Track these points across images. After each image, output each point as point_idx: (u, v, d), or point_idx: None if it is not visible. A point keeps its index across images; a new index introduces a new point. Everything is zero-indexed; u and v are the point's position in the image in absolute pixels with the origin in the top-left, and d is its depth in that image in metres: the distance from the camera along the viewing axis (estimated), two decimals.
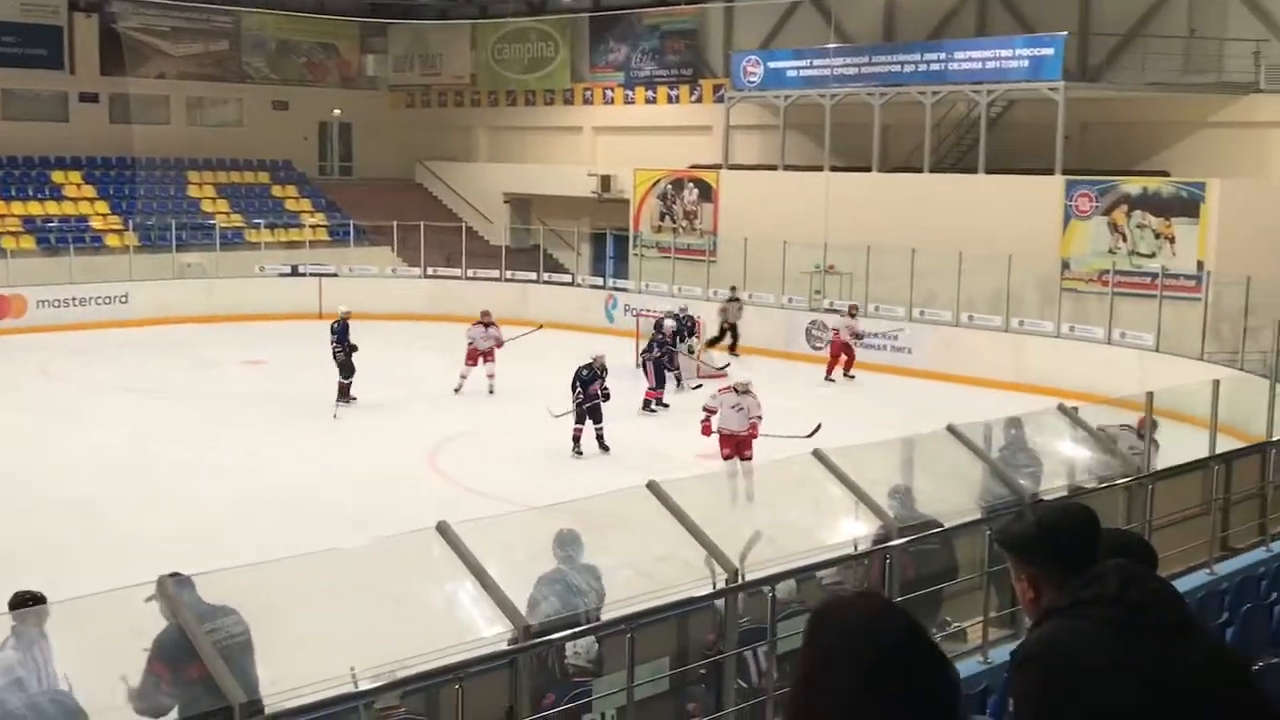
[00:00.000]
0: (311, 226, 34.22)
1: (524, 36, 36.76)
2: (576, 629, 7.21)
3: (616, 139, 34.94)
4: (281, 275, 31.14)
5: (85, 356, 24.46)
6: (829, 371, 23.20)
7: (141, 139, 34.24)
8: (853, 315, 23.56)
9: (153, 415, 19.51)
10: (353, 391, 20.09)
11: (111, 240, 31.21)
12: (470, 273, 31.55)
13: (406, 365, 24.01)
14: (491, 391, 21.18)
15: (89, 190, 32.91)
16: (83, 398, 21.01)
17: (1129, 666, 2.39)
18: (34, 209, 31.46)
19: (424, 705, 6.48)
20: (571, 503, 9.44)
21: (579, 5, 35.50)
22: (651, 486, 7.86)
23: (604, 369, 17.64)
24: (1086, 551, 2.68)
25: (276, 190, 35.93)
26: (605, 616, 7.45)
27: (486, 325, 21.51)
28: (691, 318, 24.79)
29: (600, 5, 35.45)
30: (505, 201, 36.39)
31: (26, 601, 6.80)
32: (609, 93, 35.36)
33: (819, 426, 14.91)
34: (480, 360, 21.37)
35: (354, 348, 20.07)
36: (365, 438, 18.12)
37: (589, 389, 17.27)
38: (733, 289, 26.73)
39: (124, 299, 28.69)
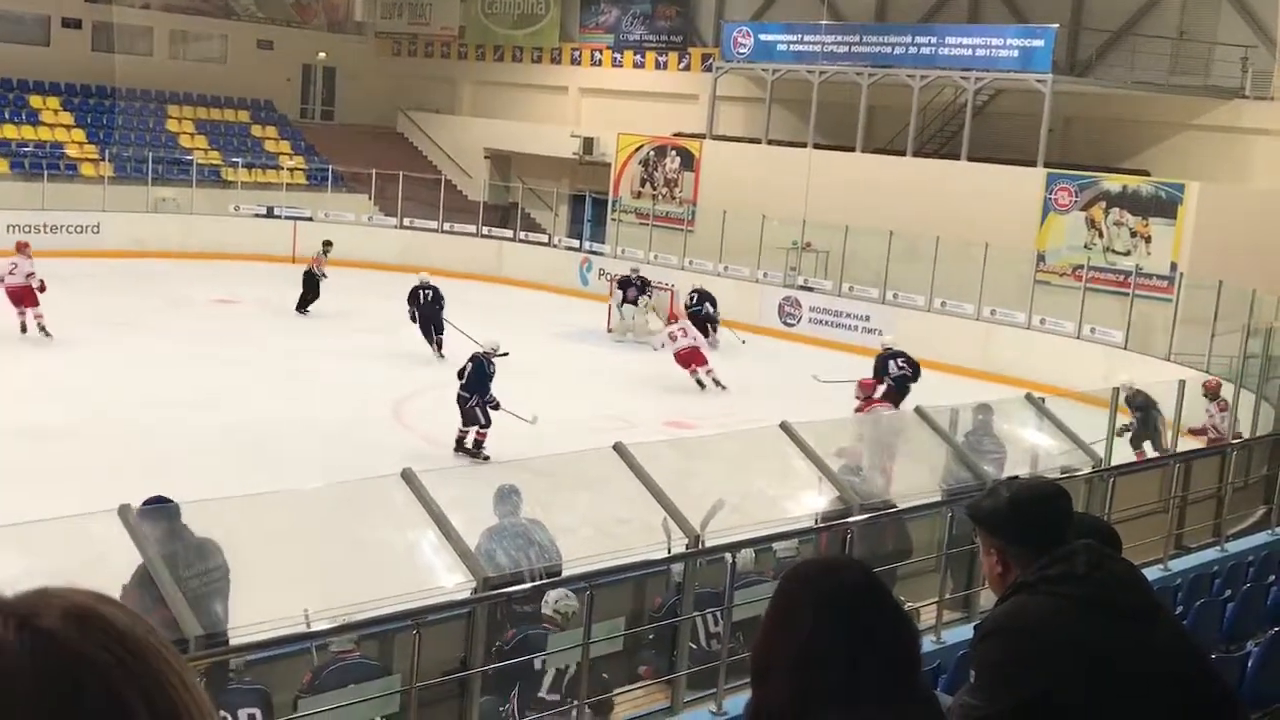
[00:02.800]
0: (289, 169, 33.94)
1: None
2: (535, 584, 7.24)
3: (602, 102, 34.78)
4: (256, 216, 30.92)
5: (53, 285, 24.10)
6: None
7: (123, 69, 33.78)
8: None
9: (119, 349, 19.36)
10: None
11: (86, 169, 30.88)
12: (446, 226, 31.39)
13: (377, 314, 23.88)
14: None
15: (66, 117, 32.50)
16: (51, 329, 20.78)
17: (1092, 644, 2.41)
18: (9, 132, 31.05)
19: (378, 651, 6.49)
20: (537, 460, 9.46)
21: None
22: (618, 448, 7.87)
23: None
24: (1056, 530, 2.70)
25: (256, 130, 35.59)
26: (566, 573, 7.47)
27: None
28: (644, 278, 24.71)
29: None
30: (486, 157, 36.20)
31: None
32: (597, 54, 35.17)
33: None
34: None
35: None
36: (332, 384, 18.05)
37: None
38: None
39: (96, 229, 28.41)
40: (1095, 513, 9.71)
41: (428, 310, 20.77)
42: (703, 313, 23.33)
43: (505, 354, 15.98)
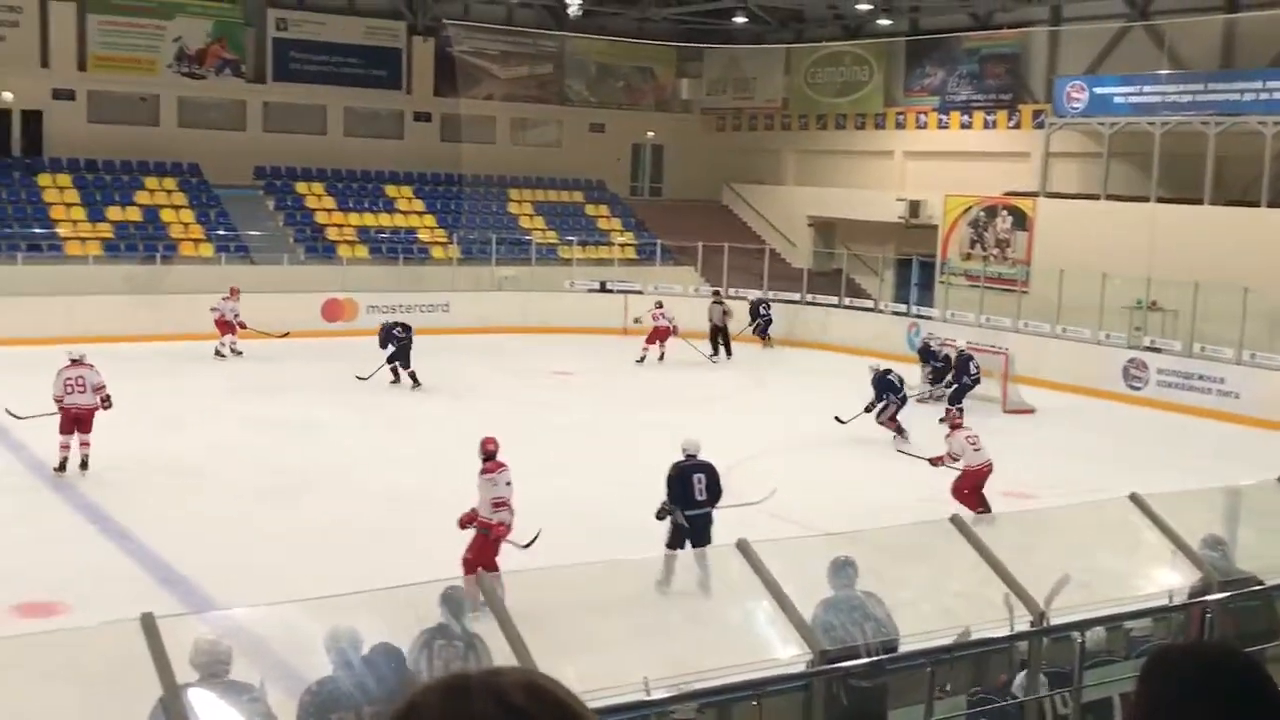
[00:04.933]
0: (620, 245, 35.11)
1: (838, 60, 36.63)
2: (870, 659, 7.08)
3: (927, 164, 34.34)
4: (590, 291, 32.07)
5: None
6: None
7: (468, 157, 35.98)
8: None
9: (467, 419, 20.38)
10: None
11: (437, 252, 32.91)
12: (771, 294, 31.64)
13: (704, 383, 24.28)
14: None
15: (418, 204, 34.82)
16: (403, 399, 22.17)
17: None
18: (369, 220, 33.52)
19: None
20: (871, 531, 9.29)
21: (896, 29, 35.12)
22: (955, 521, 7.66)
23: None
24: None
25: (589, 209, 37.06)
26: (903, 649, 7.28)
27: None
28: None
29: (918, 29, 34.97)
30: (810, 225, 36.33)
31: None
32: (922, 117, 34.79)
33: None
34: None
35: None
36: (660, 454, 18.32)
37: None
38: (715, 291, 29.91)
39: (445, 307, 30.18)
40: None
41: (404, 347, 23.19)
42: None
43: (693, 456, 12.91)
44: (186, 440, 17.88)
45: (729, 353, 28.25)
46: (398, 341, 23.21)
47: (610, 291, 31.89)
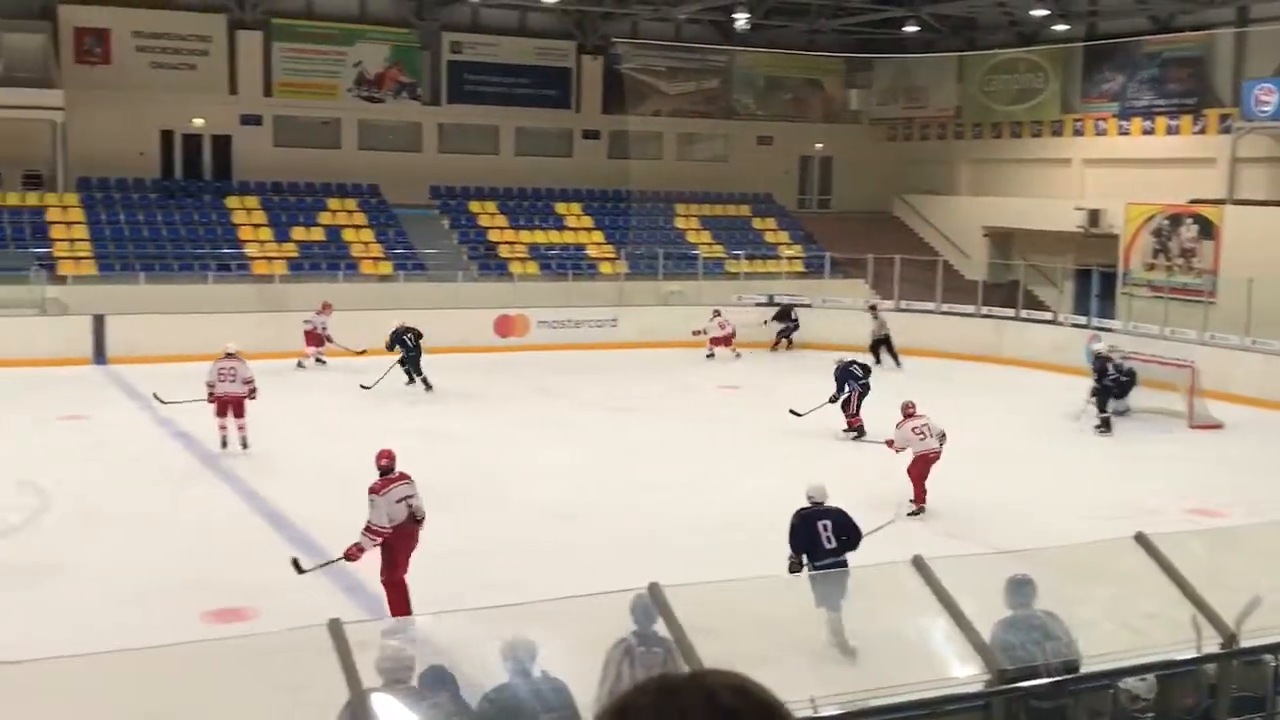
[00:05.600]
0: (788, 258, 34.96)
1: (1013, 67, 35.88)
2: (1051, 679, 6.90)
3: (1107, 172, 33.35)
4: (758, 305, 31.99)
5: (577, 374, 26.14)
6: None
7: (636, 173, 36.32)
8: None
9: (634, 432, 20.54)
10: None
11: (605, 267, 33.26)
12: (944, 307, 31.11)
13: (874, 397, 23.94)
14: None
15: (587, 220, 35.25)
16: (571, 412, 22.45)
17: None
18: (539, 237, 34.08)
19: None
20: (1050, 549, 9.06)
21: (1073, 34, 34.23)
22: (1140, 539, 7.41)
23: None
24: None
25: (757, 222, 37.00)
26: (1085, 670, 7.07)
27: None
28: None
29: (1096, 34, 34.03)
30: (984, 235, 35.62)
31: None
32: (1101, 124, 33.82)
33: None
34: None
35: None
36: (825, 468, 18.19)
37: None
38: (871, 305, 29.84)
39: (614, 322, 30.48)
40: None
41: (414, 353, 23.53)
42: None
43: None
44: (362, 451, 18.39)
45: (896, 361, 28.02)
46: (406, 349, 23.56)
47: (778, 305, 31.77)
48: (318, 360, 26.44)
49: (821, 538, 10.28)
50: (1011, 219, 34.79)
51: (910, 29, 35.90)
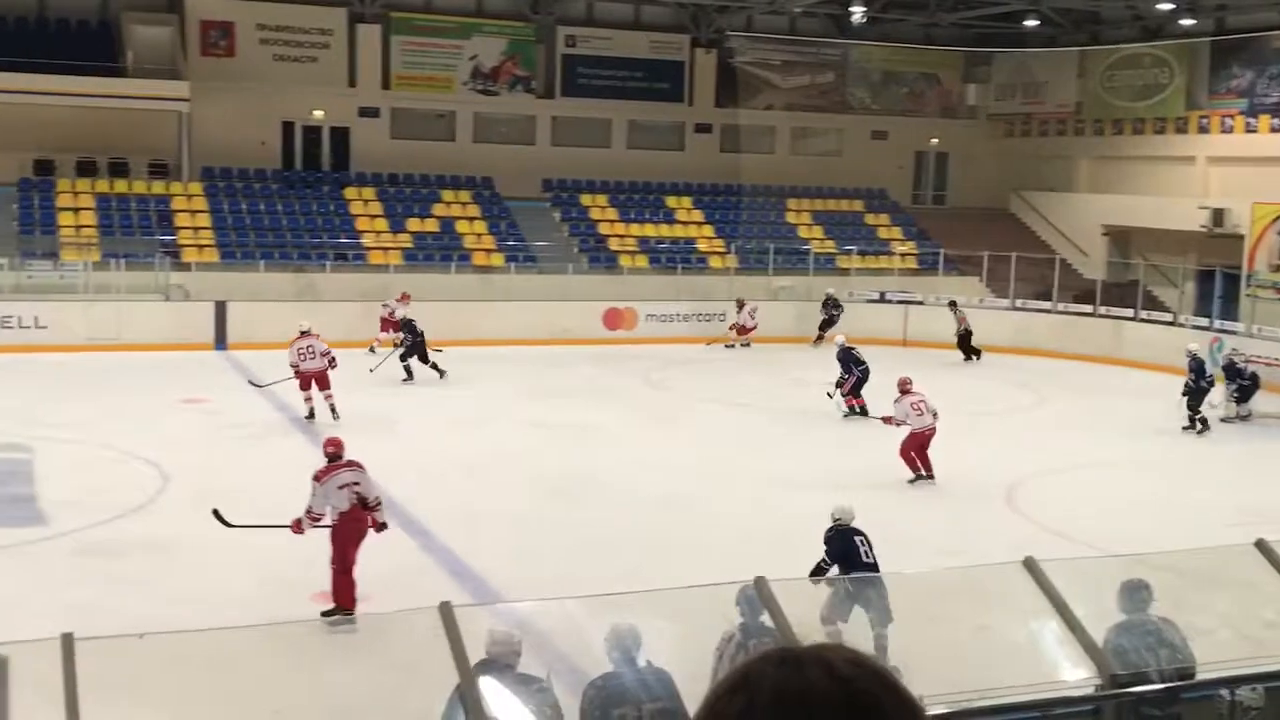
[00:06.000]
0: (901, 255, 34.61)
1: (1137, 63, 35.05)
2: (1164, 685, 6.75)
3: (1233, 170, 32.44)
4: (869, 301, 31.72)
5: (684, 368, 26.20)
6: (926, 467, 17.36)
7: (747, 167, 36.22)
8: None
9: (740, 426, 20.52)
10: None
11: (714, 262, 33.23)
12: (1060, 306, 30.54)
13: (987, 397, 23.66)
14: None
15: (697, 215, 35.24)
16: (679, 405, 22.49)
17: None
18: (649, 230, 34.16)
19: None
20: (1166, 554, 8.86)
21: (1200, 29, 33.34)
22: (1261, 546, 7.22)
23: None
24: None
25: (869, 218, 36.67)
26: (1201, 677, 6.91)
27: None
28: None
29: (1224, 28, 33.10)
30: (1104, 234, 34.88)
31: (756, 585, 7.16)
32: (1228, 121, 32.90)
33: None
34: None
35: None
36: (939, 467, 18.01)
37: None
38: (952, 301, 29.51)
39: (722, 317, 30.43)
40: None
41: (421, 341, 23.28)
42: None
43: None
44: (476, 440, 18.66)
45: (976, 357, 28.10)
46: (414, 335, 23.28)
47: (890, 302, 31.46)
48: (398, 345, 26.60)
49: (860, 551, 10.27)
50: (1132, 217, 34.02)
51: (1031, 23, 35.27)
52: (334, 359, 19.53)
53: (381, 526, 11.41)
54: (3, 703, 5.16)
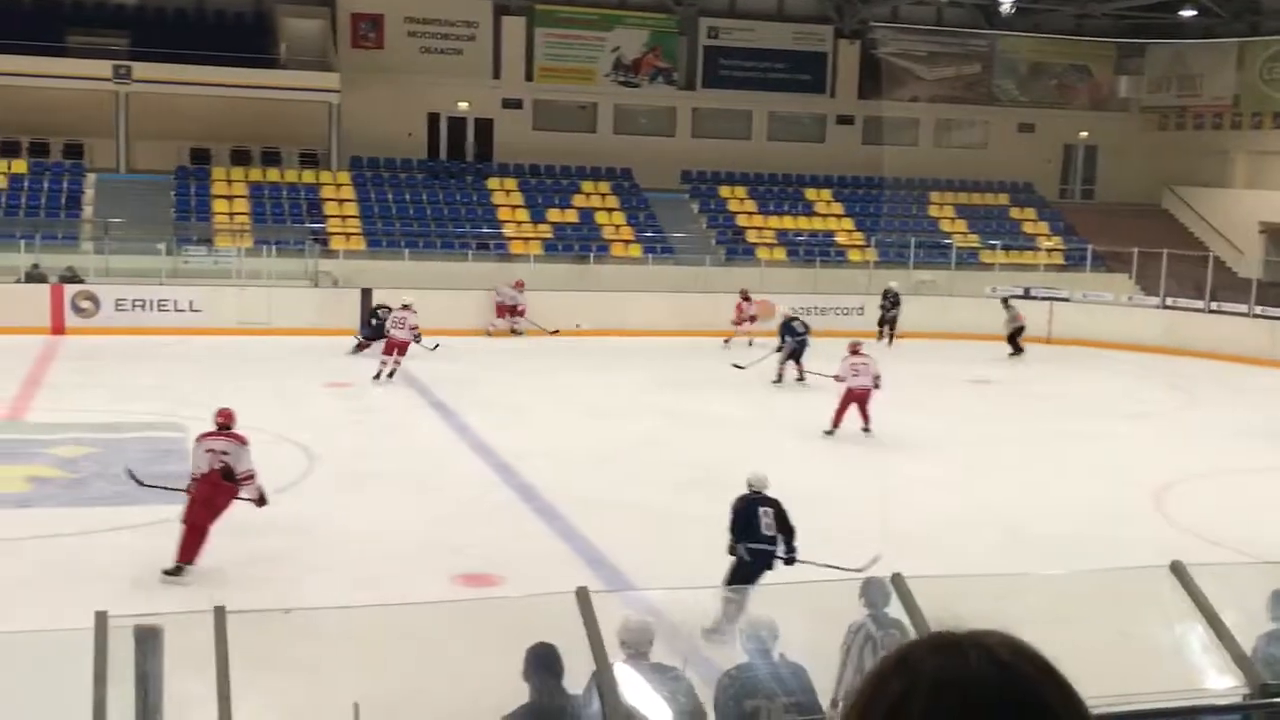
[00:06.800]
0: (1047, 250, 33.86)
1: None
2: None
3: None
4: (1012, 297, 31.08)
5: (820, 362, 25.96)
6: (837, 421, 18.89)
7: (890, 160, 35.75)
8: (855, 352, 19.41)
9: (880, 425, 20.28)
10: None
11: (854, 255, 32.92)
12: (1213, 305, 29.55)
13: (1135, 397, 23.04)
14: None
15: (837, 207, 34.94)
16: (815, 399, 22.29)
17: None
18: (788, 223, 33.98)
19: None
20: None
21: None
22: None
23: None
24: None
25: (1015, 212, 35.95)
26: None
27: None
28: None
29: None
30: (1261, 231, 33.66)
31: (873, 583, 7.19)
32: None
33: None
34: None
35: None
36: (1084, 468, 17.60)
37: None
38: (1004, 299, 28.90)
39: (860, 310, 30.11)
40: None
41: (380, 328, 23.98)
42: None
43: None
44: (610, 430, 18.80)
45: (1020, 351, 27.66)
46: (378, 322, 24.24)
47: (1035, 299, 30.80)
48: (514, 331, 27.59)
49: (761, 523, 10.57)
50: None
51: (1188, 13, 34.19)
52: (419, 335, 22.22)
53: (260, 502, 11.89)
54: (158, 670, 5.37)
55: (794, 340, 22.90)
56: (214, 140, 32.01)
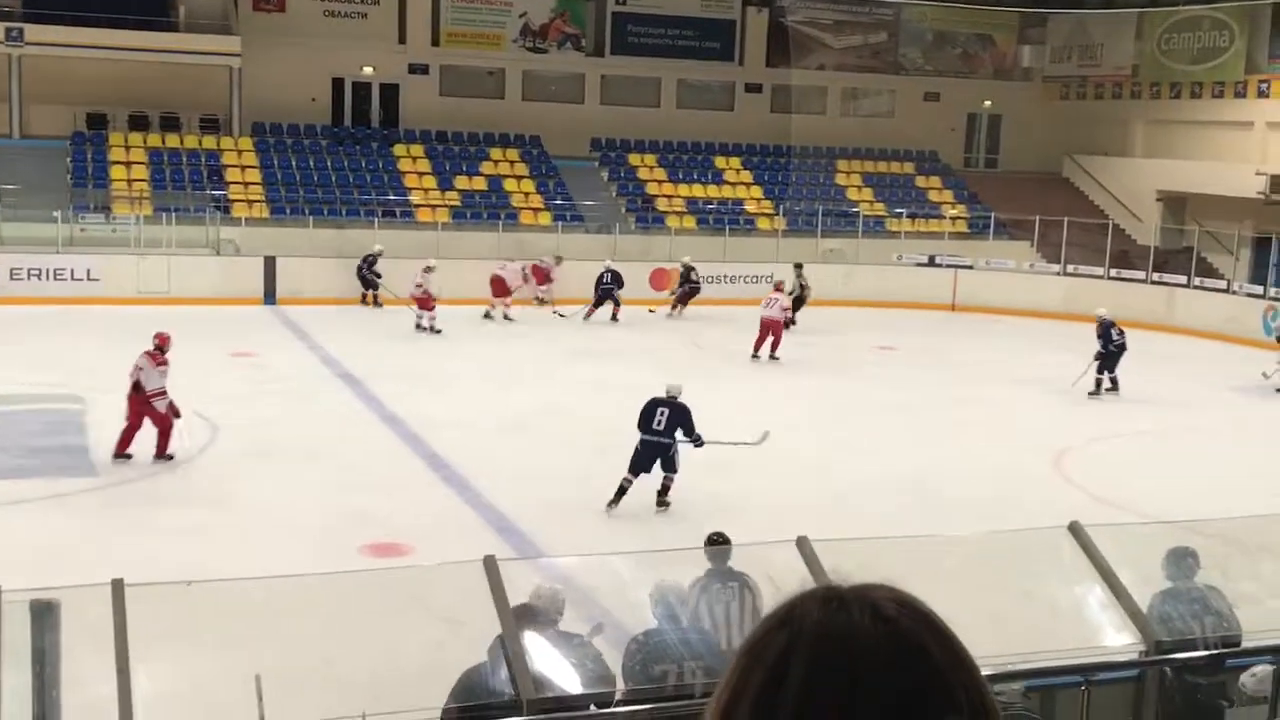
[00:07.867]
0: (952, 218, 34.30)
1: (1195, 25, 34.43)
2: (1209, 652, 6.71)
3: None
4: (917, 265, 31.49)
5: (729, 329, 26.08)
6: (756, 347, 22.63)
7: (798, 128, 35.93)
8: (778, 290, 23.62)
9: (786, 392, 20.46)
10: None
11: (762, 223, 33.07)
12: (1113, 272, 30.18)
13: (1034, 363, 23.47)
14: None
15: (746, 175, 35.05)
16: (721, 367, 22.43)
17: None
18: (697, 191, 34.03)
19: (1039, 705, 6.31)
20: (1214, 522, 8.77)
21: None
22: None
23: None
24: None
25: (920, 181, 36.34)
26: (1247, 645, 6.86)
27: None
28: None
29: None
30: (1158, 200, 34.41)
31: (715, 541, 7.51)
32: None
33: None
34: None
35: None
36: (988, 432, 17.92)
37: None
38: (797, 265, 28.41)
39: (769, 278, 30.22)
40: None
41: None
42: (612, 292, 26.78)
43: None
44: (520, 398, 18.74)
45: (793, 322, 26.40)
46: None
47: (939, 266, 31.20)
48: (506, 316, 26.53)
49: (655, 419, 12.73)
50: (1187, 183, 33.53)
51: None
52: (429, 294, 24.16)
53: (172, 413, 14.25)
54: (55, 646, 5.25)
55: (600, 290, 26.47)
56: (111, 105, 31.19)
